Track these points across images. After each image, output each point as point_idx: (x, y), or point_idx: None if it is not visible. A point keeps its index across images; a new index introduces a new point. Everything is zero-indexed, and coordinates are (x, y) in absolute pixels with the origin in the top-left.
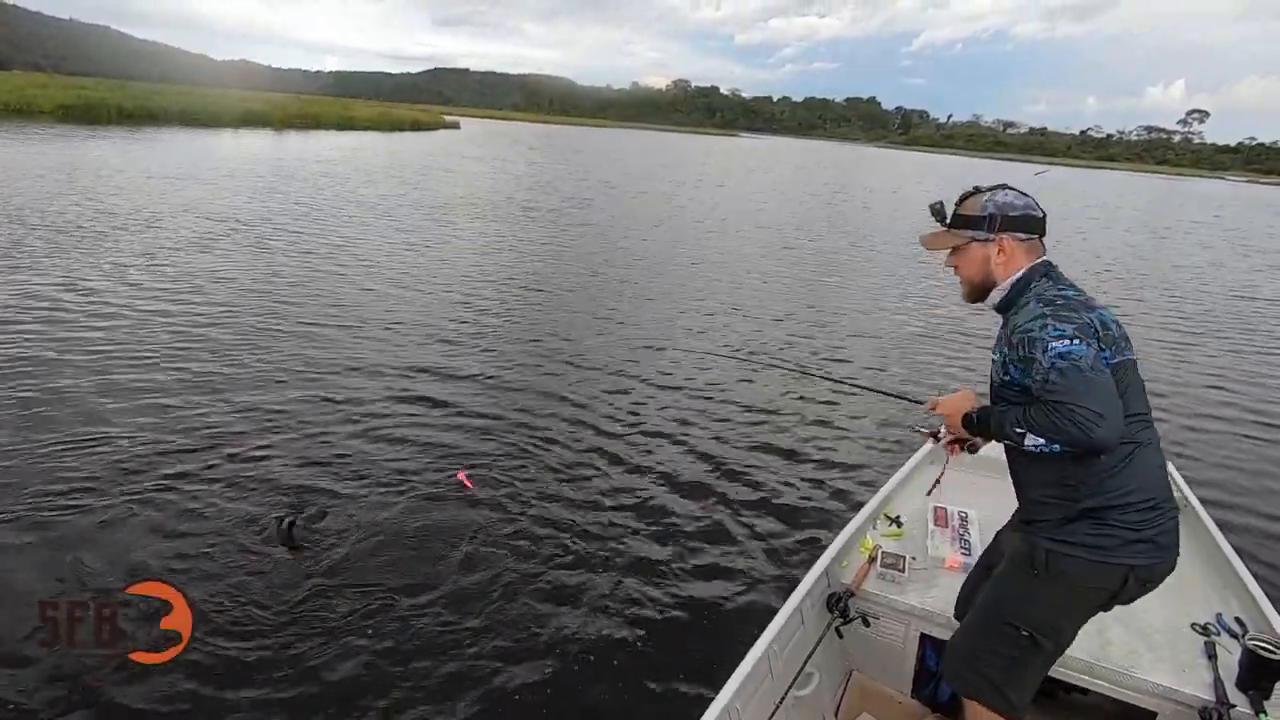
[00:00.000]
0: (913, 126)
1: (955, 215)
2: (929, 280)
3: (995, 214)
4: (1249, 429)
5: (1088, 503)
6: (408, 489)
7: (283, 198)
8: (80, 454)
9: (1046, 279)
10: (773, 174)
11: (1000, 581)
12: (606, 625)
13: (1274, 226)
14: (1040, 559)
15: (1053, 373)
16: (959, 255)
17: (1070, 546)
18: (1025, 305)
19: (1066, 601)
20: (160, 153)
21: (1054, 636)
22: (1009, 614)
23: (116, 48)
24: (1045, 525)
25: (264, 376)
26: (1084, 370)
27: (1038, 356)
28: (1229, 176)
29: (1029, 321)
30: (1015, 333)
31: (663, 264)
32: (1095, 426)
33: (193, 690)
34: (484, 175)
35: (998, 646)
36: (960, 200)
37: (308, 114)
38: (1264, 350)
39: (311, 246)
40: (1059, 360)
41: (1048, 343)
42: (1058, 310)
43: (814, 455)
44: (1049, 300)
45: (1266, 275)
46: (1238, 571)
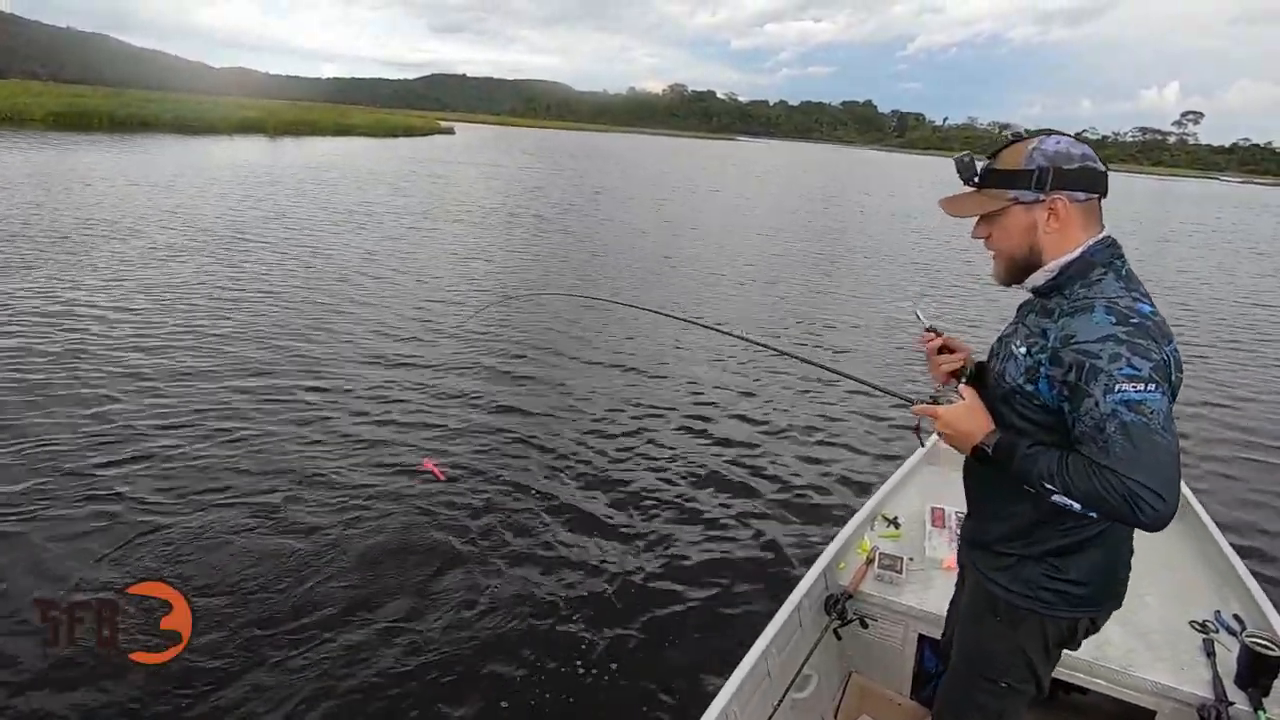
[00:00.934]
0: (909, 129)
1: (989, 171)
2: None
3: (1046, 166)
4: (1247, 427)
5: (1056, 543)
6: (406, 492)
7: (265, 203)
8: (80, 454)
9: (1112, 272)
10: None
11: (966, 634)
12: (603, 628)
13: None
14: (1001, 608)
15: (1113, 423)
16: (993, 223)
17: (1029, 600)
18: (1087, 308)
19: (1035, 645)
20: (149, 160)
21: (1032, 679)
22: (982, 669)
23: (114, 55)
24: (1002, 567)
25: (260, 376)
26: (1154, 431)
27: (1095, 394)
28: (1224, 177)
29: (1094, 341)
30: (1069, 346)
31: (650, 267)
32: (1151, 509)
33: (193, 690)
34: (473, 180)
35: (981, 701)
36: (995, 152)
37: (302, 120)
38: (1261, 351)
39: (285, 250)
40: (1125, 411)
41: (1116, 382)
42: (1134, 335)
43: (811, 457)
44: (1123, 315)
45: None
46: (1236, 569)
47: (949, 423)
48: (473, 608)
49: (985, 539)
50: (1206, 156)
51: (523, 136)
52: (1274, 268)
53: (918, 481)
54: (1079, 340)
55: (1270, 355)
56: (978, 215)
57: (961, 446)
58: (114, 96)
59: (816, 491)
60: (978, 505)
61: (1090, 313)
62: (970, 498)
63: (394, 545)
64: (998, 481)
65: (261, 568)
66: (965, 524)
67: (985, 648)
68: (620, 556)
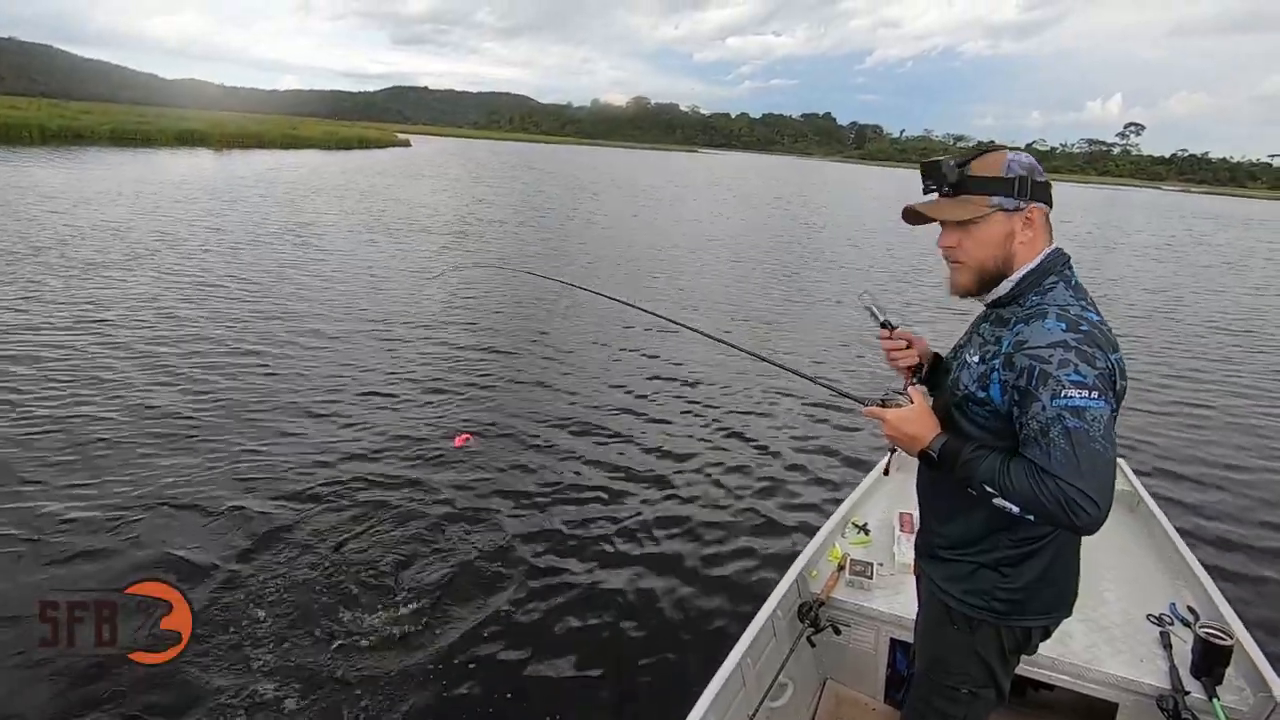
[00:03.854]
0: (867, 141)
1: (967, 177)
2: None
3: (1025, 176)
4: (1197, 424)
5: (1006, 551)
6: (406, 494)
7: (180, 220)
8: (80, 455)
9: (1063, 281)
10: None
11: (925, 643)
12: (576, 641)
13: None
14: (956, 617)
15: (1056, 428)
16: (967, 232)
17: (981, 611)
18: (1040, 315)
19: (992, 651)
20: (76, 175)
21: (992, 684)
22: (942, 678)
23: (58, 67)
24: (954, 576)
25: (260, 376)
26: (1094, 438)
27: (1043, 398)
28: (1164, 186)
29: (1045, 346)
30: (1021, 350)
31: (617, 273)
32: (1085, 513)
33: (193, 690)
34: (421, 192)
35: (944, 709)
36: (967, 160)
37: (248, 133)
38: (1210, 345)
39: (220, 268)
40: (1069, 416)
41: (1063, 387)
42: (1083, 342)
43: (781, 466)
44: (1073, 322)
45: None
46: (1189, 563)
47: (896, 426)
48: (458, 614)
49: (937, 547)
50: (1149, 167)
51: (482, 149)
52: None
53: (886, 488)
54: (1030, 345)
55: (1214, 349)
56: (954, 221)
57: (909, 449)
58: (53, 108)
59: (787, 500)
60: (930, 513)
61: (1043, 319)
62: (923, 507)
63: (392, 547)
64: (949, 490)
65: (261, 568)
66: (918, 534)
67: (943, 656)
68: (591, 570)
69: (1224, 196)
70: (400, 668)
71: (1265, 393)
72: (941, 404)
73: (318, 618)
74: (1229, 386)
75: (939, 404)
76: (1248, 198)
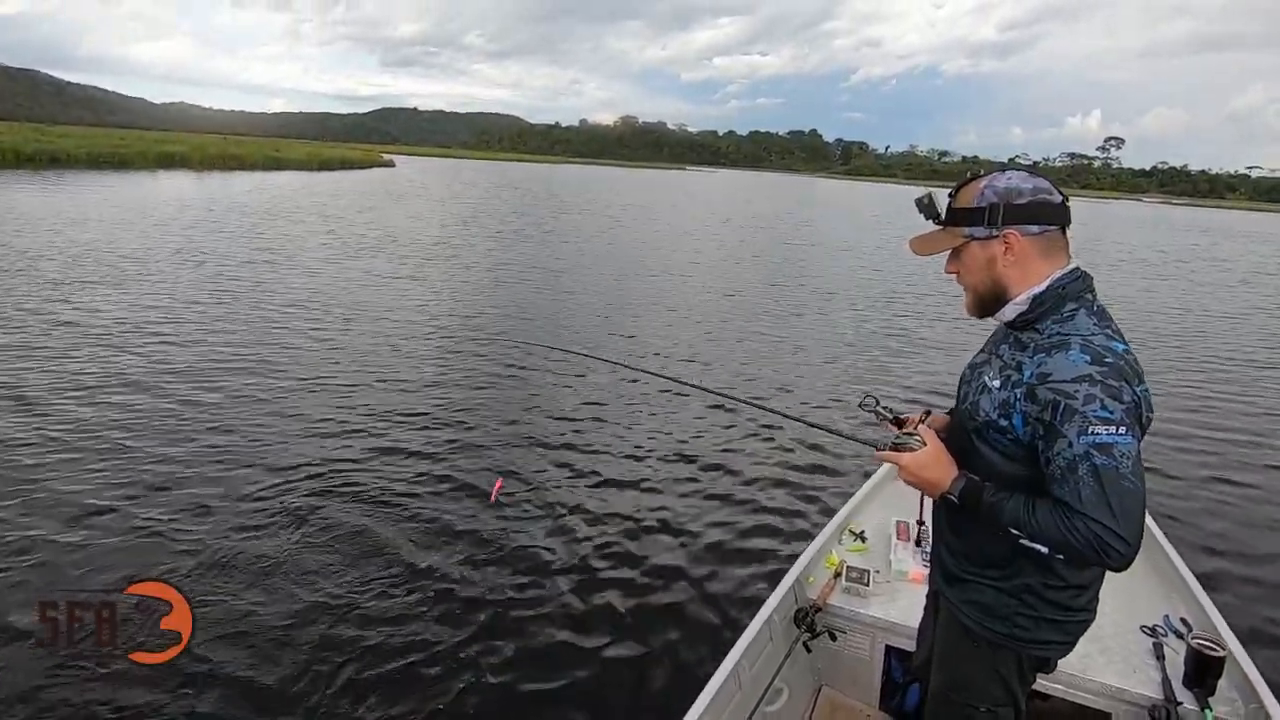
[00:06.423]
0: (853, 157)
1: (950, 209)
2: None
3: (996, 203)
4: (1192, 436)
5: (1030, 579)
6: (407, 499)
7: (146, 240)
8: (79, 455)
9: (1084, 307)
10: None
11: (944, 662)
12: (574, 645)
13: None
14: (978, 638)
15: (1084, 465)
16: (960, 260)
17: (1002, 637)
18: (1063, 346)
19: (1011, 671)
20: (44, 199)
21: (1011, 703)
22: (962, 698)
23: (44, 92)
24: (974, 600)
25: (256, 375)
26: (1124, 475)
27: (1069, 435)
28: (1145, 199)
29: (1069, 380)
30: (1045, 384)
31: (608, 297)
32: (1117, 553)
33: (193, 690)
34: (400, 215)
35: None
36: (956, 190)
37: (229, 155)
38: (1207, 361)
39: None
40: (1097, 454)
41: (1089, 423)
42: (1108, 375)
43: (778, 474)
44: (1098, 354)
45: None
46: (1182, 574)
47: (914, 472)
48: (460, 619)
49: (959, 569)
50: (1130, 180)
51: (469, 169)
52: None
53: (883, 496)
54: (1055, 379)
55: (1207, 366)
56: (946, 251)
57: (928, 493)
58: (28, 131)
59: (784, 507)
60: (951, 535)
61: (1066, 351)
62: (941, 526)
63: (391, 548)
64: (968, 520)
65: (261, 568)
66: (937, 552)
67: (963, 676)
68: (589, 574)
69: (1205, 208)
70: (400, 669)
71: (1259, 407)
72: (957, 424)
73: (319, 618)
74: (1221, 400)
75: (954, 423)
76: (1228, 209)
